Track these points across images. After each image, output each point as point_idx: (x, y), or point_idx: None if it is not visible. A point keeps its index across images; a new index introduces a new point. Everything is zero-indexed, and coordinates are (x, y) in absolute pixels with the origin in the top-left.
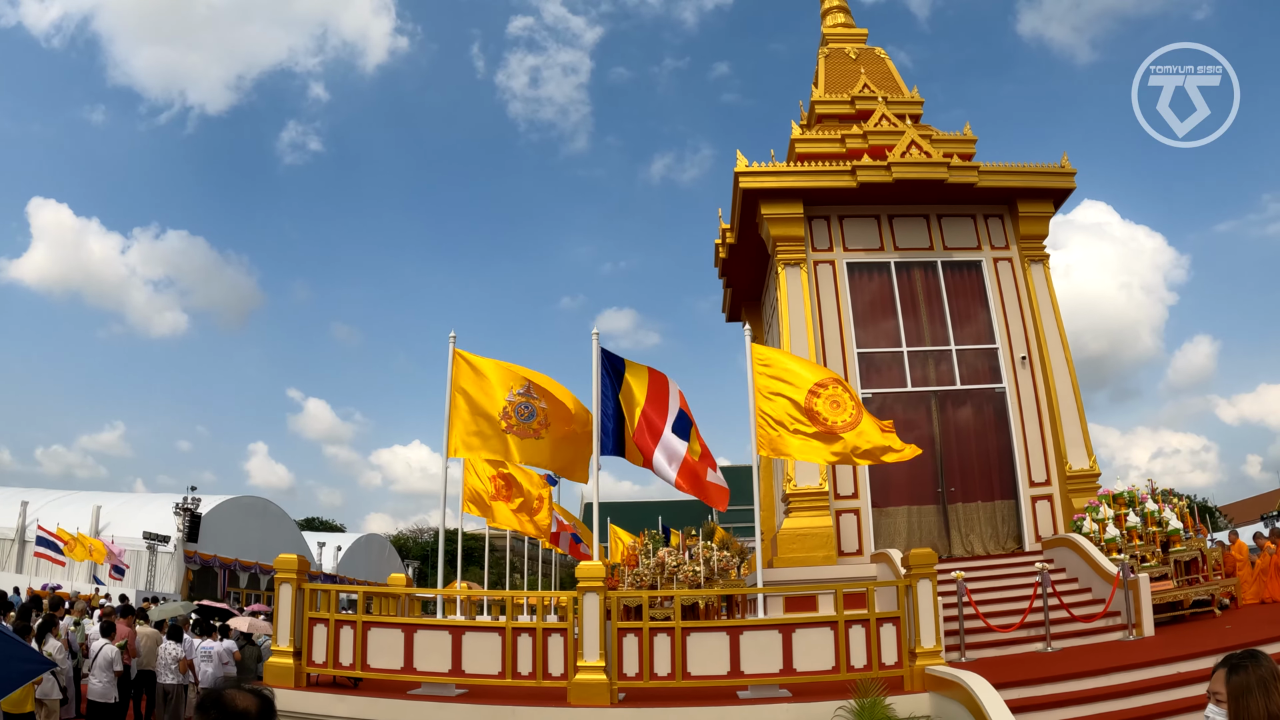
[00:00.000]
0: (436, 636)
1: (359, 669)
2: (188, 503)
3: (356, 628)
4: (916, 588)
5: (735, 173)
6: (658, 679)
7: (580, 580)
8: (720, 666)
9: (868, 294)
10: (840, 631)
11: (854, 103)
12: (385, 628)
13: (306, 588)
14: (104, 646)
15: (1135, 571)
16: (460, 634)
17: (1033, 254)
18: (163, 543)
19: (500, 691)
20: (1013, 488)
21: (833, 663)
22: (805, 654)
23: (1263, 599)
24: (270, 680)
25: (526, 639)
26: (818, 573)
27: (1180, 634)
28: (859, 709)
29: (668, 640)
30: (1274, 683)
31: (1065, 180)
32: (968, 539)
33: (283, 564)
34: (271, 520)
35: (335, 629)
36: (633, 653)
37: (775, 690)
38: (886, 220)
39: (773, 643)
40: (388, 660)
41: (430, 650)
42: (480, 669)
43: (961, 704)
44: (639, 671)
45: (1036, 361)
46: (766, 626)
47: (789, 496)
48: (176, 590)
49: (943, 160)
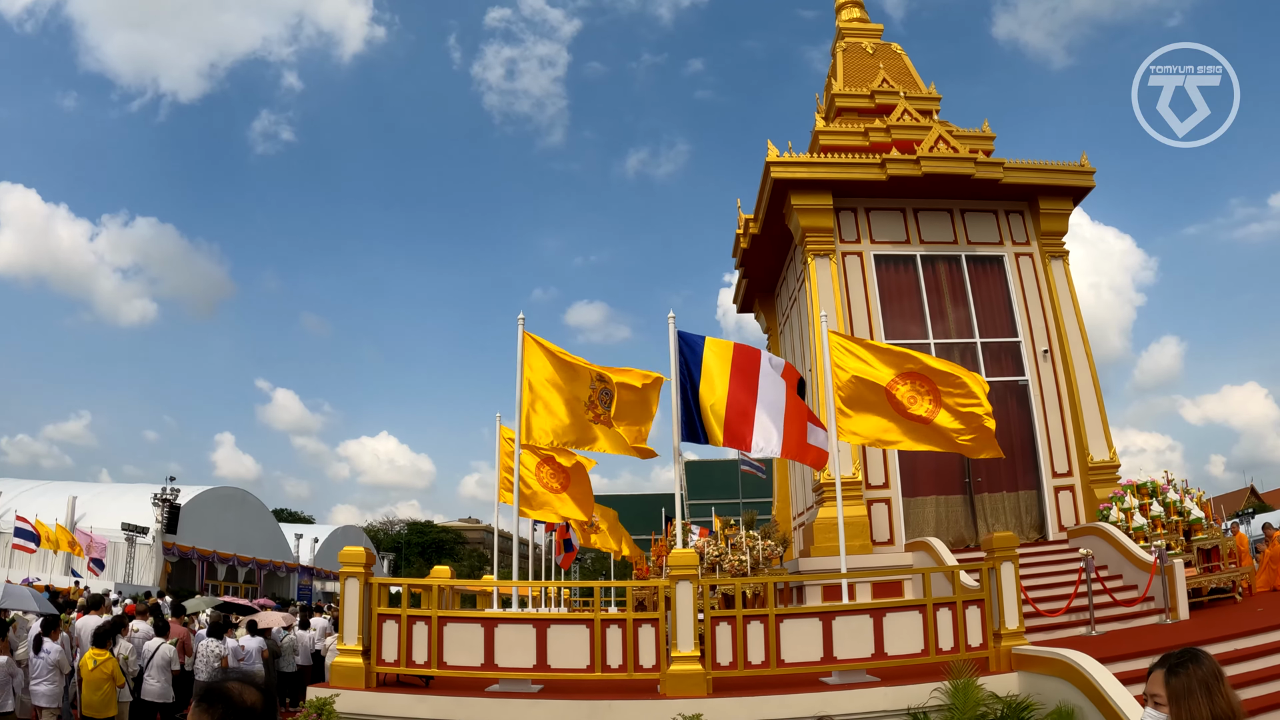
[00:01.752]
0: (520, 631)
1: (435, 667)
2: (166, 493)
3: (432, 624)
4: (1000, 569)
5: (767, 163)
6: (752, 667)
7: (673, 569)
8: (814, 653)
9: (894, 286)
10: (929, 615)
11: (873, 97)
12: (464, 623)
13: (374, 582)
14: (160, 646)
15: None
16: (545, 628)
17: (1053, 250)
18: (141, 534)
19: (587, 685)
20: (1036, 478)
21: (921, 646)
22: (895, 638)
23: (1274, 586)
24: (339, 682)
25: (616, 630)
26: (854, 561)
27: (1214, 617)
28: (953, 690)
29: (761, 628)
30: (1216, 683)
31: (1085, 179)
32: (993, 528)
33: (348, 557)
34: (249, 511)
35: (408, 625)
36: (725, 641)
37: (862, 675)
38: (912, 214)
39: (864, 627)
40: (467, 657)
41: (514, 645)
42: (567, 663)
43: (1066, 680)
44: (733, 660)
45: (1057, 355)
46: (858, 611)
47: (822, 485)
48: (155, 583)
49: (969, 156)
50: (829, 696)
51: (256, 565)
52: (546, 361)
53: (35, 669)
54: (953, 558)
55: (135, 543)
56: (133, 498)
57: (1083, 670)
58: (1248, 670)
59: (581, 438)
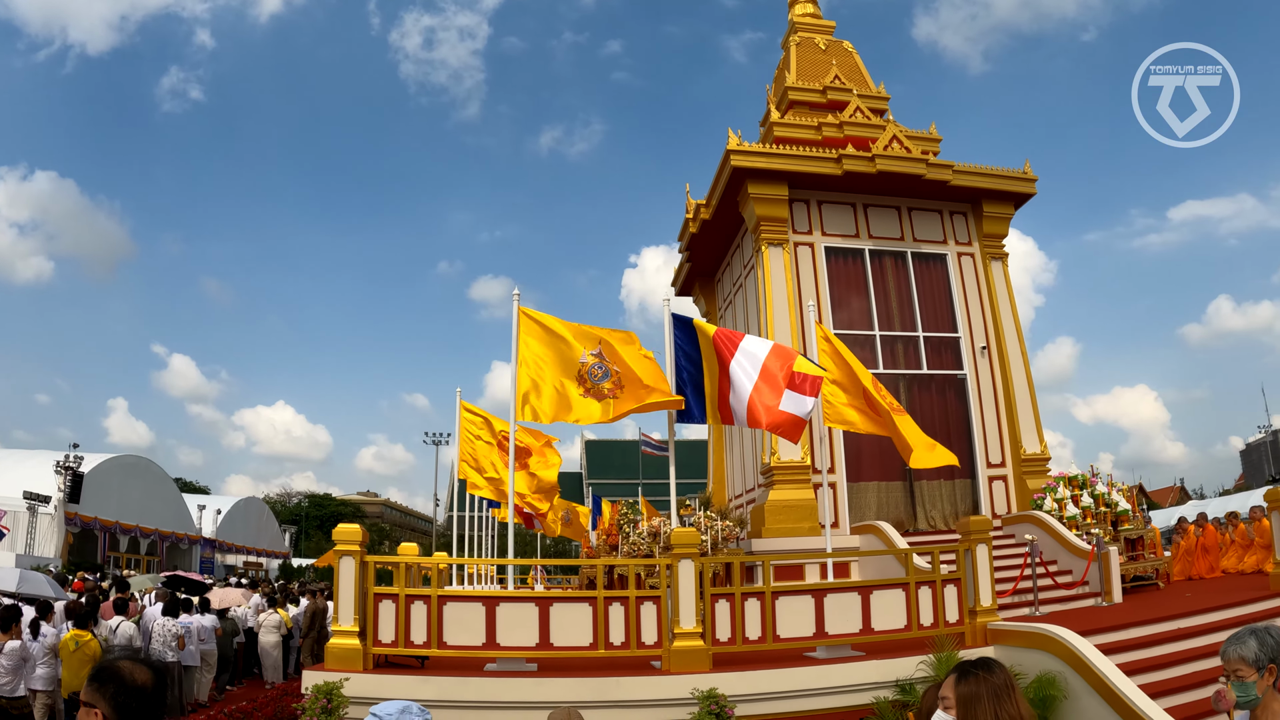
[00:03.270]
0: (523, 609)
1: (435, 647)
2: (69, 461)
3: (432, 603)
4: (975, 551)
5: (727, 150)
6: (750, 642)
7: (675, 547)
8: (807, 628)
9: (843, 277)
10: (911, 592)
11: (826, 92)
12: (465, 602)
13: (370, 561)
14: (120, 624)
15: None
16: (548, 606)
17: (993, 251)
18: (43, 503)
19: (589, 663)
20: (971, 468)
21: (905, 622)
22: (881, 614)
23: (1189, 576)
24: (335, 664)
25: (619, 608)
26: (803, 543)
27: (1147, 600)
28: (937, 662)
29: (758, 604)
30: (1006, 692)
31: (1027, 185)
32: (930, 514)
33: (344, 535)
34: (153, 481)
35: (406, 605)
36: (725, 618)
37: (846, 650)
38: (862, 208)
39: (853, 604)
40: (468, 637)
41: (516, 624)
42: (570, 641)
43: (1046, 651)
44: (731, 636)
45: (994, 352)
46: (848, 589)
47: (772, 469)
48: (56, 554)
49: (921, 157)
50: (824, 670)
51: (159, 537)
52: (540, 336)
53: (32, 653)
54: (903, 540)
55: (37, 512)
56: (35, 464)
57: (1065, 642)
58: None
59: (574, 413)
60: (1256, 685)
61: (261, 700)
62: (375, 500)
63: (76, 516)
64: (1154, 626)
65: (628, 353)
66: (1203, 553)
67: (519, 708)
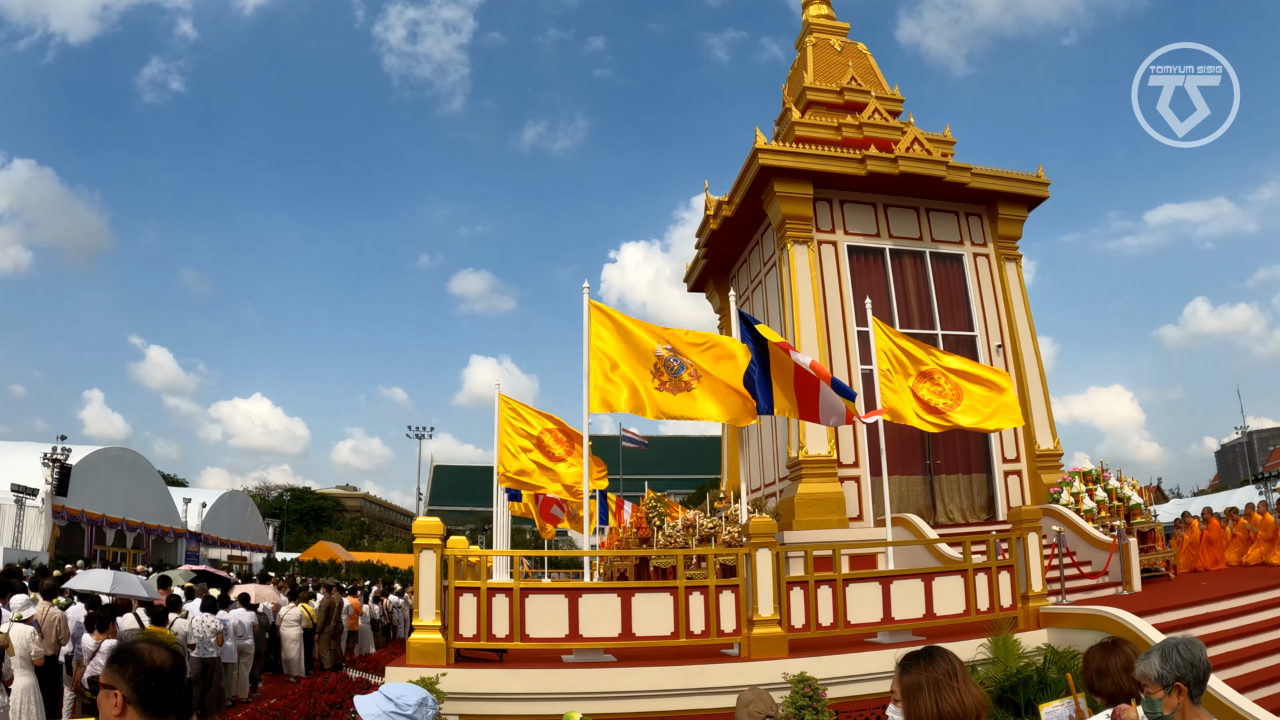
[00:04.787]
0: (605, 600)
1: (518, 639)
2: (57, 453)
3: (514, 595)
4: (1026, 539)
5: (755, 149)
6: (822, 629)
7: (753, 536)
8: (874, 614)
9: (865, 276)
10: (969, 579)
11: (843, 93)
12: (547, 594)
13: (450, 554)
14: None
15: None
16: (630, 596)
17: (1008, 252)
18: (31, 496)
19: (668, 652)
20: (987, 463)
21: (963, 607)
22: (942, 600)
23: (1193, 568)
24: (418, 660)
25: (698, 597)
26: (832, 535)
27: (1165, 589)
28: (995, 645)
29: (830, 592)
30: (948, 681)
31: (1040, 189)
32: (949, 507)
33: (423, 528)
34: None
35: (488, 598)
36: (799, 605)
37: (908, 635)
38: (882, 208)
39: (917, 590)
40: (550, 629)
41: (598, 615)
42: (651, 630)
43: (1103, 631)
44: (805, 623)
45: (1009, 350)
46: (912, 576)
47: (801, 463)
48: (44, 548)
49: (941, 159)
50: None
51: (145, 530)
52: (612, 330)
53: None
54: (933, 532)
55: (24, 505)
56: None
57: (1124, 622)
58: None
59: (646, 407)
60: (1163, 703)
61: (292, 697)
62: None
63: (64, 509)
64: (1200, 608)
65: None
66: (1207, 546)
67: (604, 698)
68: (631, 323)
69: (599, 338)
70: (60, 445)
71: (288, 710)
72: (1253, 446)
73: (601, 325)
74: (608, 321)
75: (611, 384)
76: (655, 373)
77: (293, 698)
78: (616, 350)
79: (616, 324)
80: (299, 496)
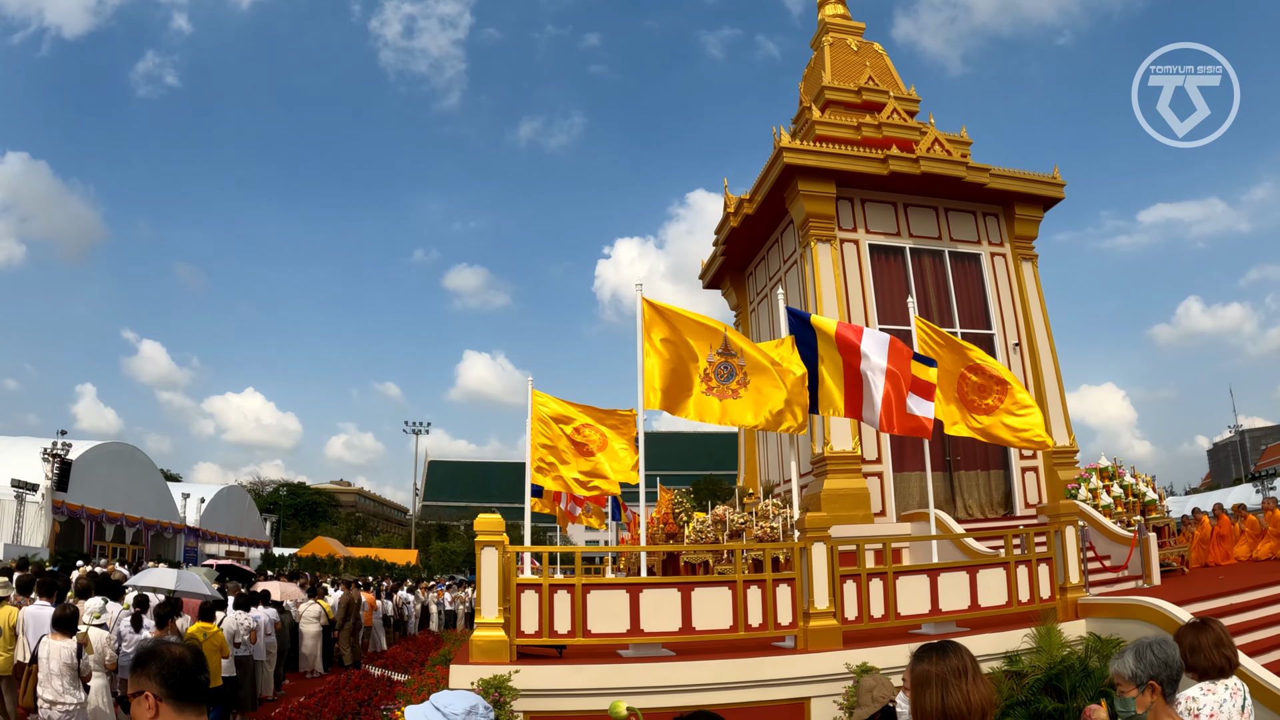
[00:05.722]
0: (665, 595)
1: (580, 635)
2: (57, 448)
3: (576, 591)
4: (1064, 533)
5: (780, 147)
6: (874, 620)
7: (809, 530)
8: (923, 606)
9: (885, 274)
10: (1011, 571)
11: (860, 93)
12: (609, 590)
13: (512, 551)
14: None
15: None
16: (690, 590)
17: (1024, 252)
18: (31, 491)
19: (725, 645)
20: (1004, 459)
21: (1005, 598)
22: (985, 591)
23: (1204, 563)
24: (481, 657)
25: (755, 591)
26: (857, 530)
27: (1183, 582)
28: (1039, 635)
29: (880, 584)
30: (956, 680)
31: (1056, 190)
32: (967, 503)
33: (486, 525)
34: (139, 470)
35: (550, 594)
36: (852, 597)
37: (951, 626)
38: (902, 208)
39: (962, 583)
40: (612, 624)
41: (659, 609)
42: (711, 624)
43: (1143, 620)
44: (858, 614)
45: (1025, 348)
46: (958, 569)
47: (826, 459)
48: (44, 544)
49: (961, 160)
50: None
51: (144, 526)
52: (664, 328)
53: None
54: (960, 528)
55: (25, 501)
56: (18, 451)
57: (1164, 610)
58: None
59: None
60: (1137, 702)
61: (321, 695)
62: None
63: (64, 505)
64: (1227, 599)
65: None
66: (1218, 541)
67: (665, 691)
68: (685, 321)
69: (650, 337)
70: (60, 440)
71: (319, 708)
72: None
73: (654, 323)
74: (659, 319)
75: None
76: (704, 377)
77: (321, 695)
78: (668, 349)
79: (669, 322)
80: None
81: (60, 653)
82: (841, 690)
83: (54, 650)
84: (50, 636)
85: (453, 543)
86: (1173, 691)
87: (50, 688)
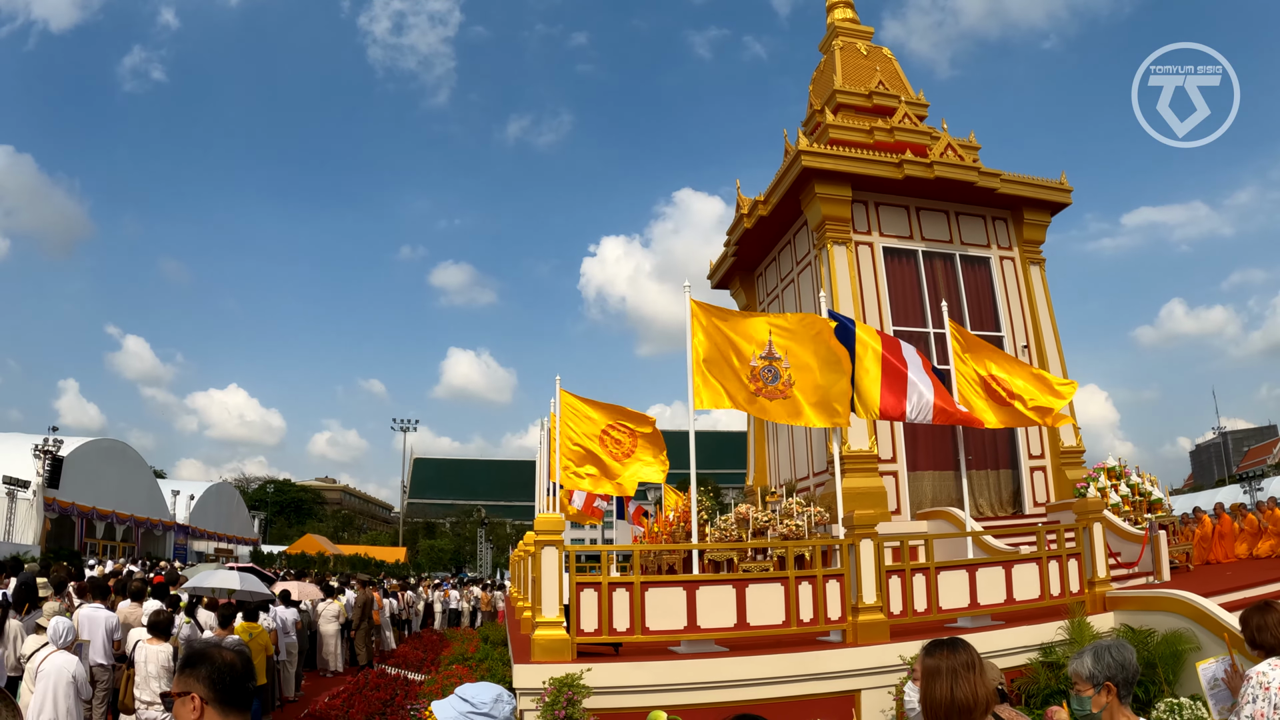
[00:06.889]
0: (720, 592)
1: (638, 633)
2: (49, 444)
3: (634, 589)
4: (1092, 529)
5: (797, 150)
6: (918, 615)
7: (857, 526)
8: (962, 600)
9: (899, 277)
10: (1044, 566)
11: (871, 97)
12: (666, 587)
13: (570, 550)
14: None
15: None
16: (744, 587)
17: (1032, 256)
18: (22, 488)
19: (776, 640)
20: (1013, 458)
21: (1038, 592)
22: (1020, 585)
23: (1206, 561)
24: (543, 656)
25: (806, 587)
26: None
27: (1192, 578)
28: (1071, 627)
29: (923, 580)
30: (965, 672)
31: (1064, 196)
32: (978, 501)
33: (545, 524)
34: (129, 466)
35: (609, 592)
36: (896, 592)
37: (986, 619)
38: (915, 211)
39: (998, 577)
40: (669, 621)
41: (714, 606)
42: (764, 620)
43: (1172, 612)
44: (903, 609)
45: (1033, 350)
46: (994, 564)
47: (844, 458)
48: (35, 541)
49: (973, 165)
50: (987, 636)
51: (134, 523)
52: (711, 329)
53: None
54: (977, 525)
55: (16, 497)
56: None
57: (1192, 602)
58: None
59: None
60: (1093, 701)
61: (345, 694)
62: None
63: (55, 502)
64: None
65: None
66: (1219, 539)
67: (720, 686)
68: (729, 324)
69: (698, 337)
70: (52, 437)
71: (345, 708)
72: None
73: (700, 325)
74: (705, 320)
75: (710, 384)
76: (752, 378)
77: (345, 695)
78: (714, 351)
79: (715, 324)
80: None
81: (158, 656)
82: (892, 682)
83: (151, 654)
84: (147, 640)
85: (440, 540)
86: (1128, 694)
87: (149, 689)
